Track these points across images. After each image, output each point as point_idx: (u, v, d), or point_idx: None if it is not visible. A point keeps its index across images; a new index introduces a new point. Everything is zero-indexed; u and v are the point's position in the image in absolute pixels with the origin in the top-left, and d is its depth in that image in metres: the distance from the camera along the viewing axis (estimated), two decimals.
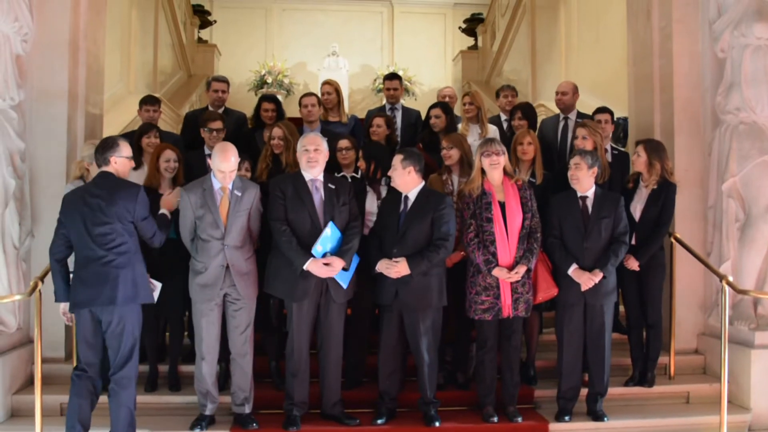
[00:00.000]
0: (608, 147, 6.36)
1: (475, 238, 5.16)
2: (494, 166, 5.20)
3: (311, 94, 7.19)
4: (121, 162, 4.75)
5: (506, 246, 5.12)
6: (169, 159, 5.56)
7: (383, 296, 5.16)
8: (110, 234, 4.59)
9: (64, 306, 4.78)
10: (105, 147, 4.75)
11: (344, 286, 5.13)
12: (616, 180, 5.93)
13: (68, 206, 4.70)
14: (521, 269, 5.14)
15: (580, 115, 7.03)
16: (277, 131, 6.00)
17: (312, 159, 5.11)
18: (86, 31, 6.32)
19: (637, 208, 5.73)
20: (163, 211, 5.21)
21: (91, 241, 4.58)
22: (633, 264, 5.64)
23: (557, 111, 7.27)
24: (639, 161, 5.73)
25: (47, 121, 6.02)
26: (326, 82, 7.48)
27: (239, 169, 5.60)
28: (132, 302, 4.62)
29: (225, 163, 5.02)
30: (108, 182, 4.70)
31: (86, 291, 4.57)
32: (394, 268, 5.04)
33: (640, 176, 5.80)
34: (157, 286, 5.03)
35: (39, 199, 5.97)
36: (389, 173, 5.23)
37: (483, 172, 5.24)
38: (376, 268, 5.11)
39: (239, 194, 5.08)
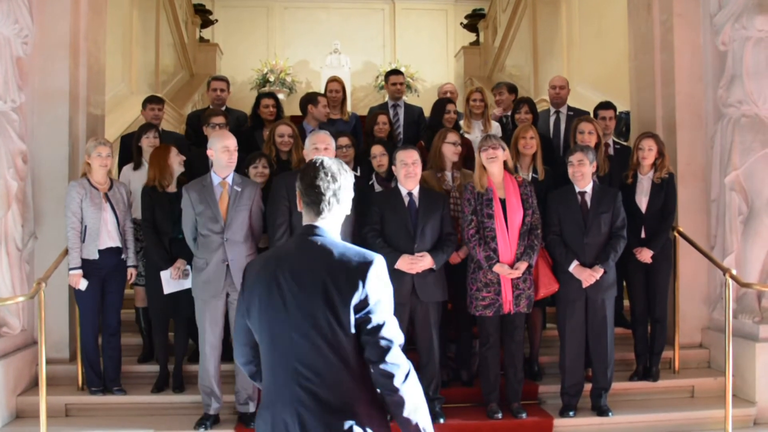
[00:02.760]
0: (610, 142, 6.35)
1: (476, 235, 5.15)
2: (492, 161, 5.16)
3: (336, 79, 7.40)
4: None
5: (507, 242, 5.11)
6: (178, 154, 5.62)
7: (398, 293, 5.12)
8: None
9: None
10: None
11: None
12: (617, 175, 5.91)
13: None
14: (522, 265, 5.13)
15: (570, 108, 7.05)
16: (285, 129, 6.01)
17: None
18: (87, 33, 6.32)
19: (642, 201, 5.74)
20: None
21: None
22: (646, 255, 5.64)
23: None
24: (651, 155, 5.71)
25: (49, 122, 6.02)
26: (333, 80, 7.47)
27: (256, 166, 5.62)
28: None
29: (228, 140, 5.11)
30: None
31: None
32: (420, 263, 5.06)
33: (638, 170, 5.79)
34: (189, 270, 5.31)
35: (41, 200, 5.98)
36: (400, 170, 5.19)
37: (484, 168, 5.22)
38: (396, 265, 5.06)
39: (239, 189, 5.11)
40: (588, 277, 5.19)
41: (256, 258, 2.71)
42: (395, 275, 5.07)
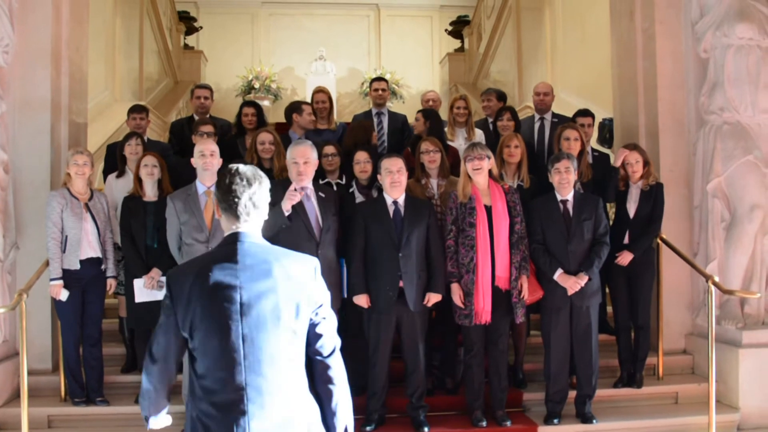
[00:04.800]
0: (589, 149, 6.38)
1: (453, 246, 5.17)
2: (477, 171, 5.16)
3: (323, 90, 7.35)
4: None
5: (487, 251, 5.09)
6: (147, 164, 5.54)
7: (386, 301, 5.13)
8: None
9: None
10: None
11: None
12: (599, 182, 5.93)
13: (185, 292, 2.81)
14: (524, 281, 5.19)
15: (555, 115, 7.06)
16: (266, 136, 5.99)
17: (302, 172, 5.06)
18: (69, 41, 6.29)
19: (631, 207, 5.78)
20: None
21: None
22: (626, 258, 5.66)
23: None
24: (639, 167, 5.75)
25: (30, 131, 5.98)
26: (320, 90, 7.42)
27: None
28: None
29: (203, 145, 5.14)
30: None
31: None
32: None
33: (628, 178, 5.82)
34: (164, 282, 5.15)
35: (23, 210, 5.93)
36: (386, 179, 5.17)
37: (469, 178, 5.23)
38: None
39: None
40: (573, 284, 5.19)
41: (179, 270, 2.66)
42: (382, 284, 5.08)
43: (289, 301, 2.52)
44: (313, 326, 2.59)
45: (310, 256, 2.66)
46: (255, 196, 2.62)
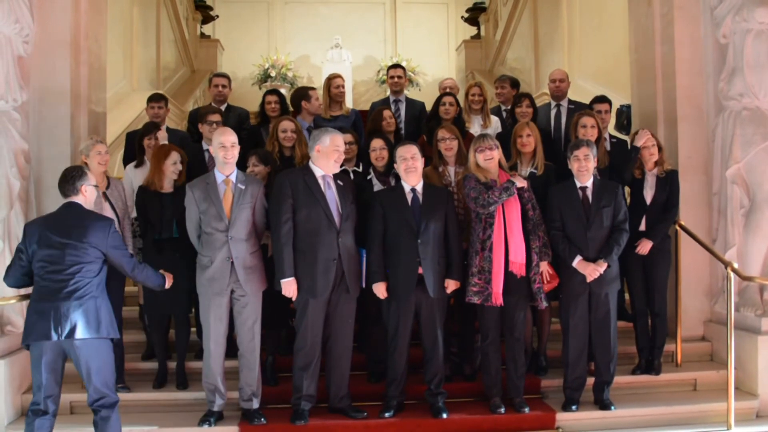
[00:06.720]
0: (607, 135, 6.36)
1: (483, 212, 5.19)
2: (488, 161, 5.21)
3: (339, 75, 7.36)
4: (90, 191, 4.58)
5: (501, 236, 5.11)
6: (176, 161, 5.59)
7: (408, 288, 5.17)
8: (76, 267, 4.40)
9: None
10: (75, 176, 4.54)
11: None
12: (617, 168, 5.92)
13: (33, 237, 4.44)
14: (544, 266, 5.22)
15: (571, 102, 7.04)
16: (288, 124, 6.01)
17: (337, 160, 5.18)
18: (87, 31, 6.33)
19: (648, 194, 5.76)
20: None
21: (55, 273, 4.38)
22: (646, 246, 5.66)
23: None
24: (655, 150, 5.75)
25: (50, 121, 6.04)
26: (338, 76, 7.41)
27: (248, 165, 5.62)
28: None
29: (223, 136, 5.11)
30: (78, 213, 4.50)
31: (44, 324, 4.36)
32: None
33: (644, 166, 5.80)
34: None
35: (44, 199, 5.97)
36: (401, 166, 5.21)
37: (478, 167, 5.25)
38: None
39: (243, 187, 5.10)
40: (592, 271, 5.19)
41: (35, 222, 4.63)
42: (401, 271, 5.10)
43: (98, 240, 4.43)
44: (111, 253, 4.51)
45: (109, 218, 4.70)
46: (73, 184, 4.51)
